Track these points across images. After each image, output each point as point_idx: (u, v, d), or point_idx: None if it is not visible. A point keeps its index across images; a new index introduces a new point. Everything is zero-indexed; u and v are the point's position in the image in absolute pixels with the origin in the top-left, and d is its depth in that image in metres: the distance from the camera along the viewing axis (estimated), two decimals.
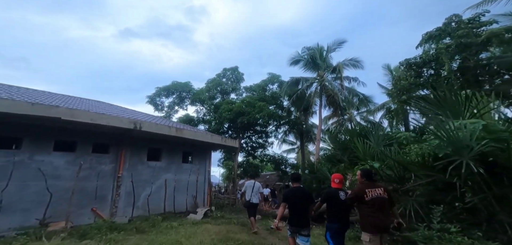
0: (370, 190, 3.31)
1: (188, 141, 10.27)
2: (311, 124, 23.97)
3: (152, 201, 8.71)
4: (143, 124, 7.86)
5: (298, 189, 3.91)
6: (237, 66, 22.71)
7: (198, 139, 10.34)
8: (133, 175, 8.30)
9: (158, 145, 9.52)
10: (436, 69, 12.57)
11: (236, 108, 17.05)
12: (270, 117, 16.32)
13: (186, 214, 9.12)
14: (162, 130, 8.57)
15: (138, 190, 8.37)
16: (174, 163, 10.10)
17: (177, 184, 9.98)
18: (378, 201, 3.26)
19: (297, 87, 17.84)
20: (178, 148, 10.39)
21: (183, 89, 19.20)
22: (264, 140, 20.69)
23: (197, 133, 10.77)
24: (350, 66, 16.04)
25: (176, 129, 9.46)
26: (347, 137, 11.97)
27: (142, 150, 8.84)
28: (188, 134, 9.81)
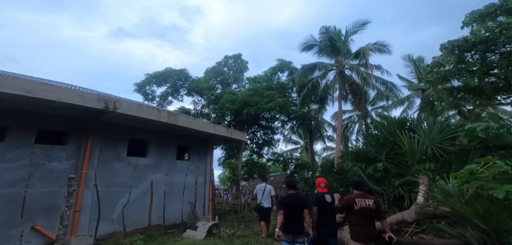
0: (360, 200, 3.39)
1: (184, 131, 7.83)
2: (321, 120, 21.69)
3: (132, 211, 6.24)
4: (120, 104, 5.41)
5: (294, 195, 3.87)
6: (240, 53, 20.33)
7: (198, 128, 7.91)
8: (105, 176, 5.82)
9: (144, 136, 7.06)
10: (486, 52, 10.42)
11: (240, 98, 14.62)
12: (281, 108, 13.92)
13: (181, 230, 6.67)
14: (147, 114, 6.13)
15: (113, 197, 5.89)
16: (166, 159, 7.64)
17: (170, 187, 7.53)
18: (365, 211, 3.34)
19: (311, 75, 15.48)
20: (171, 140, 7.94)
21: (178, 77, 16.65)
22: (270, 137, 18.31)
23: (196, 121, 8.33)
24: (375, 51, 13.81)
25: (168, 113, 7.02)
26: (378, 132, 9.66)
27: (120, 142, 6.37)
28: (184, 122, 7.37)
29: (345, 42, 15.00)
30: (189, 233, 5.96)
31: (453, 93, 11.08)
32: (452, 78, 10.70)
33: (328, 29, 14.55)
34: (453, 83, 11.65)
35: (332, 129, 21.97)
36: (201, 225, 6.16)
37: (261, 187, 7.00)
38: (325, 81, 15.59)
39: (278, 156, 17.10)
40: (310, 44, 15.85)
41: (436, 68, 11.80)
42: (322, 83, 15.71)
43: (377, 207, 3.41)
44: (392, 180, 8.42)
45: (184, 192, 8.04)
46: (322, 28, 14.64)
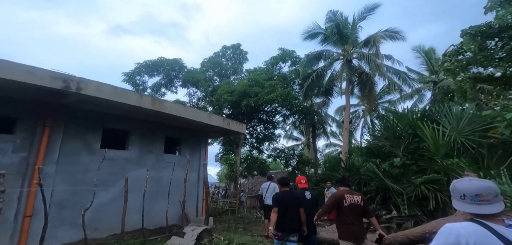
0: (348, 196, 3.24)
1: (173, 121, 6.75)
2: (325, 115, 20.59)
3: (108, 213, 5.18)
4: (85, 85, 4.31)
5: (287, 193, 3.80)
6: (239, 43, 19.16)
7: (189, 118, 6.82)
8: (70, 171, 4.74)
9: (123, 125, 5.98)
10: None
11: (239, 88, 13.51)
12: (283, 100, 12.81)
13: (165, 236, 5.60)
14: (124, 98, 5.03)
15: (81, 197, 4.82)
16: (151, 152, 6.57)
17: (156, 185, 6.47)
18: (355, 208, 3.19)
19: (316, 64, 14.34)
20: (158, 131, 6.86)
21: (172, 67, 15.45)
22: (270, 132, 17.22)
23: (187, 109, 7.25)
24: (386, 39, 12.65)
25: (152, 99, 5.92)
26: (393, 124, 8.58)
27: (91, 131, 5.29)
28: (172, 109, 6.29)
29: (353, 29, 13.84)
30: (173, 241, 4.90)
31: (475, 83, 10.00)
32: (476, 66, 9.60)
33: (335, 14, 13.38)
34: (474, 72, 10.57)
35: (336, 123, 20.91)
36: (189, 230, 5.10)
37: (265, 185, 7.09)
38: (331, 72, 14.46)
39: (280, 151, 16.03)
40: (314, 32, 14.67)
41: (454, 56, 10.72)
42: (327, 73, 14.57)
43: (364, 203, 3.31)
44: (412, 177, 7.38)
45: (173, 190, 6.96)
46: (329, 13, 13.47)
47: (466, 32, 10.18)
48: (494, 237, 1.08)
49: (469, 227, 1.13)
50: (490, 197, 1.16)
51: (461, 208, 1.23)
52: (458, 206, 1.24)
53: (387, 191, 7.75)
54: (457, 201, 1.25)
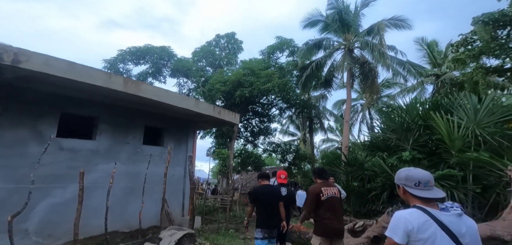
0: (326, 189, 3.05)
1: (154, 107, 5.81)
2: (323, 109, 19.83)
3: (66, 216, 4.22)
4: (28, 58, 3.35)
5: (267, 187, 3.63)
6: (233, 32, 18.08)
7: (173, 104, 5.89)
8: (13, 165, 3.76)
9: (89, 110, 4.99)
10: None
11: (233, 78, 12.56)
12: (280, 91, 11.93)
13: (137, 242, 4.69)
14: (86, 76, 4.06)
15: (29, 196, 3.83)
16: (127, 143, 5.63)
17: (132, 181, 5.55)
18: (332, 202, 3.03)
19: (316, 54, 13.47)
20: (136, 119, 5.91)
21: (160, 55, 14.30)
22: (266, 125, 16.36)
23: (171, 94, 6.29)
24: (391, 28, 11.85)
25: (124, 80, 4.95)
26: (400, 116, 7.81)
27: (43, 117, 4.30)
28: (151, 93, 5.34)
29: (355, 17, 12.98)
30: None
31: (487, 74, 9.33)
32: (489, 56, 8.89)
33: (337, 0, 12.47)
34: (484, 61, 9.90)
35: (334, 118, 20.18)
36: (167, 235, 4.21)
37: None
38: (331, 62, 13.62)
39: (276, 146, 15.19)
40: (314, 19, 13.77)
41: (463, 46, 10.01)
42: (327, 64, 13.73)
43: (340, 196, 3.20)
44: None
45: (155, 186, 6.04)
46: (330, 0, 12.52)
47: (478, 19, 9.46)
48: (431, 220, 1.29)
49: (414, 213, 1.32)
50: (433, 183, 1.40)
51: (418, 194, 1.38)
52: (414, 192, 1.39)
53: (394, 187, 7.01)
54: (412, 188, 1.40)
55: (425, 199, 1.34)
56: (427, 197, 1.34)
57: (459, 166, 6.00)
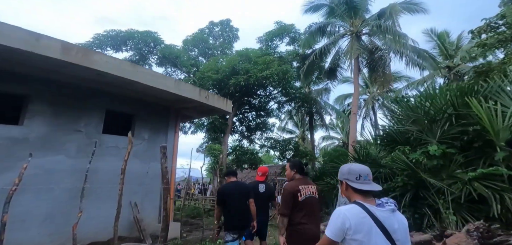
0: (304, 188, 2.52)
1: (119, 87, 4.49)
2: (324, 103, 18.60)
3: None
4: None
5: (236, 184, 3.39)
6: (228, 19, 16.71)
7: (142, 82, 4.60)
8: None
9: (16, 86, 3.64)
10: None
11: (226, 65, 11.24)
12: (280, 80, 10.64)
13: None
14: (2, 37, 2.70)
15: None
16: (77, 131, 4.29)
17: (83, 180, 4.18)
18: (310, 202, 2.51)
19: (319, 41, 12.18)
20: (92, 100, 4.56)
21: (144, 40, 12.83)
22: (263, 120, 15.05)
23: (138, 69, 5.00)
24: (405, 12, 10.58)
25: (63, 45, 3.61)
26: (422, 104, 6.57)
27: None
28: (108, 66, 4.06)
29: (363, 0, 11.71)
30: None
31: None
32: None
33: None
34: None
35: (336, 113, 18.96)
36: None
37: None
38: (336, 49, 12.32)
39: (274, 142, 13.91)
40: (317, 3, 12.44)
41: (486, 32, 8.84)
42: (332, 52, 12.44)
43: (319, 196, 2.69)
44: (456, 171, 5.43)
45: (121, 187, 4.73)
46: None
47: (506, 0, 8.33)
48: (368, 217, 1.30)
49: (352, 209, 1.33)
50: (371, 177, 1.45)
51: (358, 186, 1.40)
52: (355, 186, 1.41)
53: (419, 188, 5.78)
54: (353, 182, 1.42)
55: (364, 193, 1.39)
56: (366, 190, 1.38)
57: (505, 163, 4.79)
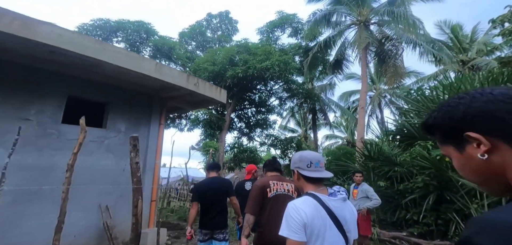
0: (275, 183, 2.22)
1: (81, 69, 3.70)
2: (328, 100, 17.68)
3: None
4: None
5: (214, 180, 3.08)
6: (227, 11, 15.90)
7: (111, 62, 3.81)
8: None
9: None
10: None
11: (223, 55, 10.44)
12: (282, 72, 9.82)
13: None
14: None
15: None
16: (24, 120, 3.49)
17: (37, 179, 3.41)
18: (283, 200, 2.00)
19: (324, 31, 11.31)
20: (45, 84, 3.76)
21: (137, 31, 12.08)
22: (263, 117, 14.22)
23: (106, 47, 4.22)
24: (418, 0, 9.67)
25: None
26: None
27: None
28: (62, 41, 3.26)
29: None
30: None
31: None
32: None
33: None
34: None
35: (340, 110, 18.04)
36: None
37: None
38: (342, 41, 11.43)
39: (275, 139, 13.06)
40: None
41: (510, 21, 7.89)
42: (337, 43, 11.55)
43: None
44: None
45: (89, 188, 3.94)
46: None
47: None
48: (321, 208, 1.23)
49: (307, 201, 1.25)
50: (324, 164, 1.39)
51: (309, 174, 1.34)
52: (306, 173, 1.35)
53: (444, 190, 4.90)
54: (304, 169, 1.36)
55: (316, 181, 1.34)
56: (318, 177, 1.33)
57: None
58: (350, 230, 1.25)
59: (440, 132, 0.57)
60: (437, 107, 0.57)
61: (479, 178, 0.53)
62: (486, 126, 0.48)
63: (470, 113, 0.49)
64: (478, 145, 0.49)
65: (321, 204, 1.23)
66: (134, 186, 3.45)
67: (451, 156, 0.56)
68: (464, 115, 0.50)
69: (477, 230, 0.40)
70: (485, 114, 0.48)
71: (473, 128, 0.49)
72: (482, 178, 0.52)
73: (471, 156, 0.50)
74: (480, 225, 0.41)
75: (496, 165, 0.47)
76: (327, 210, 1.22)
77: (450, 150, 0.56)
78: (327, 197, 1.27)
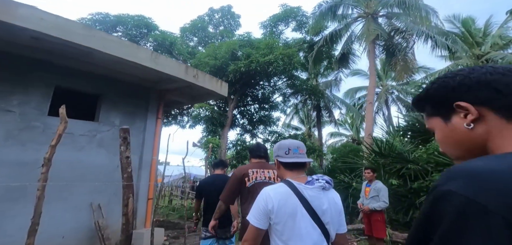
0: (256, 171, 2.08)
1: (67, 57, 3.42)
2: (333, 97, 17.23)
3: None
4: None
5: (218, 177, 3.07)
6: (230, 5, 15.54)
7: (103, 51, 3.53)
8: None
9: None
10: None
11: (225, 49, 10.11)
12: (286, 66, 9.46)
13: None
14: None
15: None
16: (5, 111, 3.20)
17: (18, 176, 3.13)
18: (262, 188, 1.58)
19: (329, 24, 10.88)
20: (28, 72, 3.48)
21: (137, 25, 11.82)
22: (267, 114, 13.85)
23: (94, 32, 3.92)
24: None
25: None
26: None
27: None
28: (42, 23, 2.99)
29: None
30: None
31: None
32: None
33: None
34: None
35: (346, 107, 17.58)
36: None
37: None
38: (349, 34, 10.98)
39: (278, 136, 12.71)
40: None
41: None
42: (343, 37, 11.11)
43: None
44: None
45: (79, 185, 3.67)
46: None
47: None
48: (293, 195, 1.18)
49: (278, 188, 1.22)
50: (304, 151, 1.36)
51: (287, 160, 1.31)
52: (284, 160, 1.32)
53: None
54: (282, 157, 1.33)
55: (295, 169, 1.30)
56: (293, 162, 1.29)
57: None
58: (328, 221, 1.17)
59: (430, 104, 0.57)
60: (434, 80, 0.58)
61: (459, 150, 0.53)
62: (479, 96, 0.48)
63: (466, 83, 0.50)
64: (465, 115, 0.49)
65: (295, 192, 1.19)
66: (125, 182, 3.15)
67: (436, 128, 0.57)
68: (459, 85, 0.51)
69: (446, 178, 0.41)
70: (481, 84, 0.48)
71: (465, 98, 0.49)
72: (462, 150, 0.52)
73: (456, 127, 0.51)
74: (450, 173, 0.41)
75: (479, 135, 0.48)
76: (301, 198, 1.18)
77: (436, 121, 0.56)
78: (303, 185, 1.22)
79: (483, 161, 0.40)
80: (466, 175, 0.38)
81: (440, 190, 0.39)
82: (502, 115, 0.46)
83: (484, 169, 0.38)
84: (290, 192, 1.18)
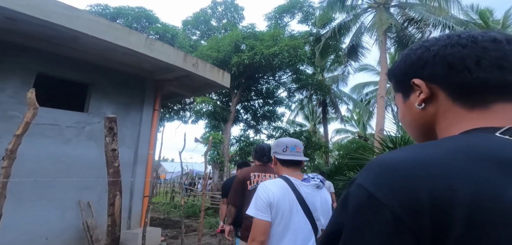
0: (257, 175, 2.21)
1: (47, 41, 3.07)
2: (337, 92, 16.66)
3: None
4: None
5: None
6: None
7: (89, 33, 3.17)
8: None
9: None
10: None
11: (228, 41, 9.71)
12: (291, 58, 9.01)
13: None
14: None
15: None
16: None
17: None
18: None
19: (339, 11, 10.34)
20: (10, 59, 3.14)
21: (137, 18, 11.50)
22: (271, 109, 13.42)
23: (79, 13, 3.58)
24: None
25: None
26: None
27: None
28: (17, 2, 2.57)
29: None
30: None
31: None
32: None
33: None
34: None
35: (353, 103, 17.01)
36: None
37: None
38: (358, 26, 10.42)
39: (283, 132, 12.29)
40: None
41: None
42: (352, 29, 10.56)
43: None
44: None
45: (67, 182, 3.35)
46: None
47: None
48: (290, 191, 1.25)
49: (276, 182, 1.28)
50: (301, 149, 1.42)
51: (284, 157, 1.38)
52: (281, 157, 1.38)
53: None
54: (280, 154, 1.39)
55: (291, 165, 1.35)
56: (290, 159, 1.34)
57: None
58: (319, 217, 1.25)
59: (394, 79, 0.52)
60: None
61: (414, 131, 0.49)
62: (434, 72, 0.43)
63: (424, 58, 0.45)
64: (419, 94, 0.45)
65: (292, 188, 1.25)
66: (111, 178, 2.78)
67: (398, 105, 0.52)
68: (418, 59, 0.46)
69: (364, 169, 0.39)
70: (437, 59, 0.43)
71: (420, 74, 0.45)
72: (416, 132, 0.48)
73: (411, 106, 0.47)
74: (367, 166, 0.39)
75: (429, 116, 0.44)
76: (297, 194, 1.24)
77: (398, 98, 0.51)
78: (299, 181, 1.29)
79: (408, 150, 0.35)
80: (378, 166, 0.34)
81: (354, 181, 0.37)
82: (449, 94, 0.42)
83: (397, 159, 0.33)
84: (287, 187, 1.24)
